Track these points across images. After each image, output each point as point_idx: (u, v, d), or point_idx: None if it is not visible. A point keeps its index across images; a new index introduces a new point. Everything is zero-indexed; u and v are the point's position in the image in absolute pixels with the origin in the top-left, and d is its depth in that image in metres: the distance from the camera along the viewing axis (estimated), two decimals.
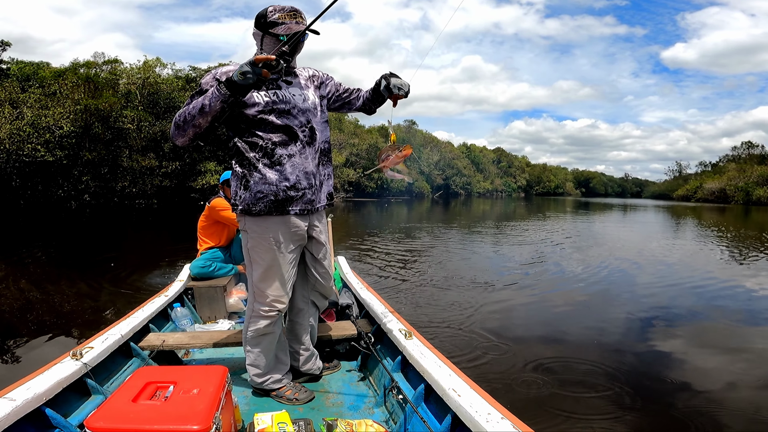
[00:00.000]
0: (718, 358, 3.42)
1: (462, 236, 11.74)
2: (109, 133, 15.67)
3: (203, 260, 2.83)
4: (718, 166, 69.45)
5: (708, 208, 38.07)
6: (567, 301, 5.07)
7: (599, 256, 8.58)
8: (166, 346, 1.90)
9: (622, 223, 19.71)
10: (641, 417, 2.52)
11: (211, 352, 2.26)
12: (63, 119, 14.25)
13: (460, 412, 1.27)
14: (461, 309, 4.58)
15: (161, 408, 1.10)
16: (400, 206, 30.12)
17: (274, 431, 1.30)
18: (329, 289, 1.85)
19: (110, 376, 1.70)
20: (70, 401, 1.44)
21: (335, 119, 35.77)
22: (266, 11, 1.46)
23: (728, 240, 12.06)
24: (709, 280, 6.30)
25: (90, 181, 14.94)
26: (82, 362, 1.49)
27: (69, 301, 4.62)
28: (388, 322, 2.03)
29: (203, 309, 2.74)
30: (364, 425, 1.48)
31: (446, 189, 55.55)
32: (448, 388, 1.37)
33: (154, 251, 7.98)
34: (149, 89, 17.92)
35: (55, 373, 1.38)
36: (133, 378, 1.24)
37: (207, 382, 1.24)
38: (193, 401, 1.13)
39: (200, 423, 1.05)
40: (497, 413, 1.19)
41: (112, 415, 1.06)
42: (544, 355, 3.38)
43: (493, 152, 78.45)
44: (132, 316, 2.05)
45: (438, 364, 1.56)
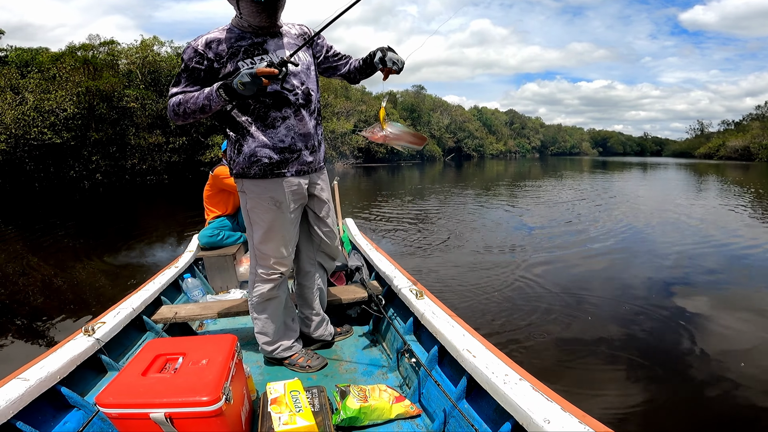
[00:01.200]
0: (743, 321, 3.34)
1: (476, 197, 11.58)
2: (114, 112, 15.91)
3: (211, 229, 2.81)
4: (742, 124, 66.65)
5: (731, 166, 36.70)
6: (585, 262, 4.99)
7: (618, 215, 8.39)
8: (179, 318, 1.90)
9: (643, 181, 19.18)
10: (661, 382, 2.49)
11: (225, 322, 2.28)
12: (65, 102, 14.50)
13: (476, 374, 1.23)
14: (477, 272, 4.56)
15: (171, 381, 1.09)
16: (412, 170, 29.84)
17: (287, 400, 1.30)
18: (336, 249, 1.81)
19: (125, 351, 1.69)
20: (87, 379, 1.44)
21: (342, 87, 34.93)
22: None
23: (753, 198, 11.61)
24: (733, 239, 6.11)
25: (100, 161, 15.30)
26: (94, 338, 1.48)
27: (86, 278, 4.73)
28: (397, 282, 1.98)
29: (214, 279, 2.75)
30: (377, 390, 1.47)
31: (458, 152, 54.66)
32: (462, 349, 1.33)
33: (168, 224, 8.11)
34: (149, 68, 17.97)
35: (68, 351, 1.37)
36: (143, 351, 1.23)
37: (216, 352, 1.22)
38: (202, 372, 1.12)
39: (209, 394, 1.03)
40: (515, 374, 1.14)
41: (122, 390, 1.05)
42: (561, 318, 3.35)
43: (506, 114, 76.26)
44: (143, 289, 2.04)
45: (451, 324, 1.51)
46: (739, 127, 66.24)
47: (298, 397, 1.32)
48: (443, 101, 56.92)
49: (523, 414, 1.00)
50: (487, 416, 1.23)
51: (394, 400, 1.45)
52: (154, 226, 8.15)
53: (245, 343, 1.98)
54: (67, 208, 10.67)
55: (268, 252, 1.55)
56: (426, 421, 1.43)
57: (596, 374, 2.59)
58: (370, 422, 1.39)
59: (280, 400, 1.30)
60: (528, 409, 0.99)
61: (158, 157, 16.65)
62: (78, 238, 6.95)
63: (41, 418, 1.19)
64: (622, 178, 20.96)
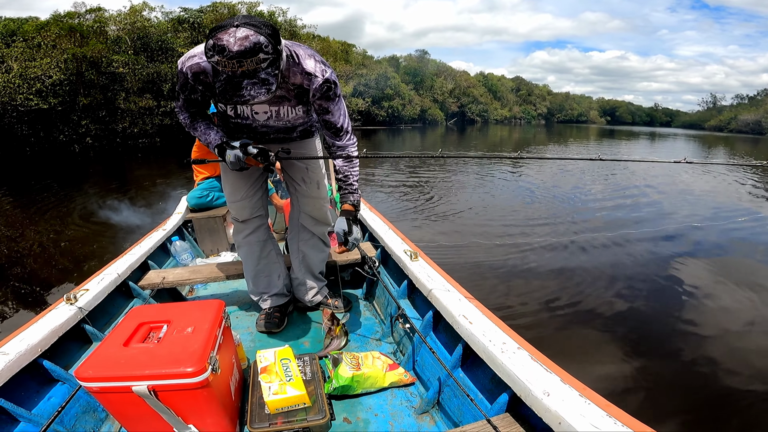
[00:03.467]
0: (740, 295, 3.32)
1: (478, 163, 11.37)
2: (103, 78, 15.92)
3: (200, 190, 2.72)
4: (756, 99, 65.22)
5: (741, 139, 36.09)
6: (584, 232, 4.94)
7: (622, 184, 8.26)
8: (167, 283, 1.82)
9: (649, 150, 18.83)
10: (657, 356, 2.50)
11: (216, 287, 2.23)
12: (51, 68, 14.62)
13: (473, 341, 1.18)
14: (474, 239, 4.52)
15: (154, 351, 1.03)
16: (413, 133, 29.34)
17: (277, 369, 1.26)
18: (322, 214, 1.75)
19: (111, 320, 1.62)
20: (71, 350, 1.37)
21: (342, 51, 33.61)
22: (208, 45, 1.04)
23: (758, 171, 11.41)
24: (734, 213, 6.03)
25: (90, 125, 15.36)
26: (76, 307, 1.40)
27: (76, 241, 4.67)
28: (391, 243, 1.91)
29: (204, 241, 2.67)
30: (370, 358, 1.44)
31: (461, 116, 53.56)
32: (458, 315, 1.27)
33: (162, 185, 8.02)
34: (139, 33, 17.69)
35: (49, 322, 1.30)
36: (125, 320, 1.17)
37: (202, 318, 1.16)
38: (187, 341, 1.06)
39: (194, 365, 0.98)
40: (513, 342, 1.10)
41: (102, 362, 0.99)
42: (557, 288, 3.34)
43: (512, 81, 73.87)
44: (129, 254, 1.95)
45: (447, 288, 1.45)
46: (752, 102, 64.90)
47: (289, 365, 1.29)
48: (448, 66, 55.18)
49: (521, 385, 0.96)
50: (482, 386, 1.20)
51: (387, 368, 1.42)
52: (145, 186, 8.08)
53: (237, 309, 1.94)
54: (57, 172, 10.58)
55: (229, 196, 1.65)
56: (420, 389, 1.41)
57: (590, 346, 2.59)
58: (363, 390, 1.37)
59: (270, 368, 1.27)
60: (526, 380, 0.95)
61: (149, 121, 16.65)
62: (66, 201, 6.87)
63: (24, 394, 1.13)
64: (629, 147, 20.58)
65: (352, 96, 31.27)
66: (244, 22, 1.02)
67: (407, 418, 1.29)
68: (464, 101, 54.26)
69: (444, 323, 1.42)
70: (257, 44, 1.02)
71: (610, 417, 0.81)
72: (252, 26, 1.02)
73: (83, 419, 1.20)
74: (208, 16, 19.89)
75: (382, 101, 36.25)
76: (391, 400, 1.37)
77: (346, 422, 1.26)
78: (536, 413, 0.90)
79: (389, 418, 1.29)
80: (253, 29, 1.02)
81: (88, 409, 1.23)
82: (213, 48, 1.02)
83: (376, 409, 1.32)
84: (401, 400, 1.37)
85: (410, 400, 1.37)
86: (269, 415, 1.18)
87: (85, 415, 1.21)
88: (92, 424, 1.22)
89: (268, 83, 1.08)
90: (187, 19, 19.76)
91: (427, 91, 47.10)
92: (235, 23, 1.02)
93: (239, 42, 1.00)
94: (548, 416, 0.87)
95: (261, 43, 1.02)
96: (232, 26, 1.01)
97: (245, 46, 1.00)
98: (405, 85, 42.16)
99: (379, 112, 35.74)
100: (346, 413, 1.30)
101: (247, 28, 1.01)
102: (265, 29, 1.04)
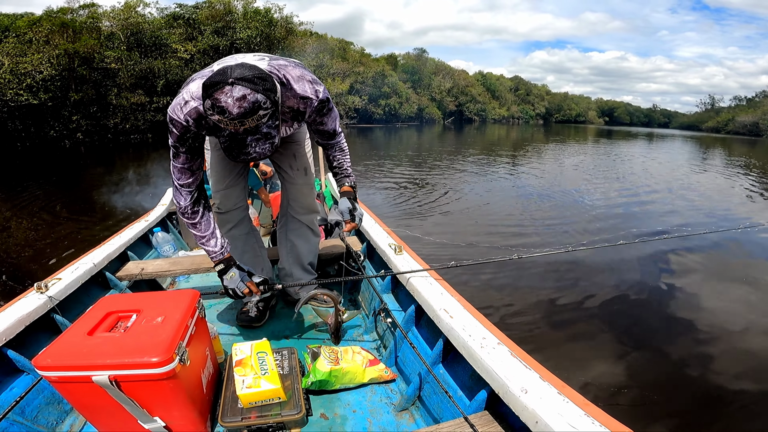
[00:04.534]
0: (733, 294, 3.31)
1: (476, 162, 11.36)
2: (95, 73, 15.87)
3: None
4: (754, 101, 65.33)
5: (737, 140, 36.29)
6: (578, 232, 4.92)
7: (619, 184, 8.26)
8: (145, 274, 1.77)
9: (647, 150, 18.90)
10: (645, 353, 2.48)
11: (198, 279, 2.19)
12: (42, 64, 14.57)
13: (452, 336, 1.14)
14: (462, 236, 4.49)
15: (119, 340, 0.99)
16: (410, 131, 29.32)
17: (252, 362, 1.22)
18: (306, 198, 1.71)
19: (84, 311, 1.56)
20: (39, 341, 1.32)
21: (339, 49, 33.51)
22: (207, 104, 1.00)
23: (755, 173, 11.45)
24: (728, 214, 6.03)
25: (81, 120, 15.32)
26: (47, 296, 1.35)
27: (62, 235, 4.60)
28: (376, 237, 1.88)
29: (188, 233, 2.62)
30: (350, 353, 1.41)
31: (459, 115, 53.57)
32: (439, 309, 1.24)
33: (152, 181, 7.97)
34: (132, 29, 17.63)
35: (17, 310, 1.25)
36: (93, 309, 1.13)
37: (174, 308, 1.12)
38: (155, 331, 1.02)
39: (160, 354, 0.94)
40: (493, 338, 1.07)
41: (62, 351, 0.95)
42: (549, 286, 3.31)
43: (511, 80, 73.99)
44: (107, 243, 1.90)
45: (429, 282, 1.42)
46: (750, 104, 65.07)
47: (265, 358, 1.25)
48: (446, 65, 55.16)
49: (499, 382, 0.93)
50: (462, 382, 1.17)
51: (367, 364, 1.39)
52: (136, 181, 8.02)
53: (218, 302, 1.90)
54: (47, 167, 10.50)
55: (211, 182, 1.64)
56: (401, 385, 1.38)
57: (577, 344, 2.57)
58: (342, 386, 1.34)
59: (245, 361, 1.22)
60: (505, 377, 0.92)
61: (141, 116, 16.64)
62: (54, 196, 6.78)
63: None
64: (627, 147, 20.65)
65: (348, 94, 31.17)
66: (239, 78, 0.97)
67: (386, 415, 1.25)
68: (462, 100, 54.28)
69: (426, 318, 1.38)
70: (255, 103, 0.99)
71: (588, 416, 0.78)
72: (246, 82, 0.98)
73: (46, 411, 1.15)
74: (204, 12, 19.74)
75: (379, 99, 36.17)
76: (371, 396, 1.33)
77: (323, 418, 1.23)
78: (513, 411, 0.87)
79: (368, 414, 1.25)
80: (248, 86, 0.98)
81: (53, 401, 1.19)
82: (212, 108, 0.99)
83: (354, 406, 1.29)
84: (381, 396, 1.33)
85: (390, 397, 1.33)
86: (242, 409, 1.14)
87: (49, 406, 1.17)
88: (56, 416, 1.17)
89: (271, 137, 1.07)
90: (182, 15, 19.62)
91: (424, 89, 47.07)
92: (229, 80, 0.97)
93: (237, 104, 0.97)
94: (525, 414, 0.84)
95: (259, 101, 0.99)
96: (227, 84, 0.97)
97: (244, 107, 0.97)
98: (402, 83, 42.10)
99: (376, 110, 35.67)
100: (324, 409, 1.26)
101: (243, 87, 0.97)
102: (260, 84, 1.00)
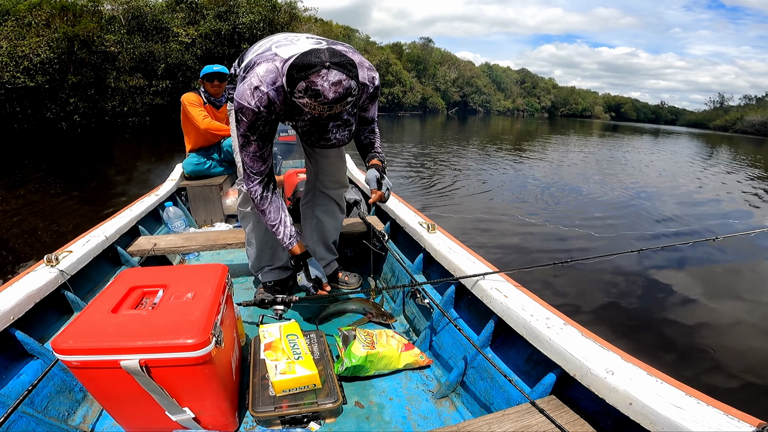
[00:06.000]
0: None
1: (477, 152, 11.21)
2: (94, 57, 15.77)
3: (197, 157, 2.58)
4: (764, 100, 64.79)
5: (745, 140, 35.93)
6: (577, 226, 4.83)
7: (621, 180, 8.16)
8: (158, 250, 1.68)
9: (653, 146, 18.74)
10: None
11: (209, 257, 2.10)
12: (40, 47, 14.53)
13: (509, 317, 1.04)
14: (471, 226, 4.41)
15: (147, 318, 0.89)
16: (413, 120, 29.15)
17: (283, 345, 1.14)
18: (338, 172, 1.61)
19: (95, 288, 1.45)
20: (48, 321, 1.20)
21: (344, 36, 33.04)
22: (300, 86, 0.96)
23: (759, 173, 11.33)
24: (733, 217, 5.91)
25: (78, 103, 15.31)
26: (58, 270, 1.23)
27: (61, 213, 4.49)
28: (404, 216, 1.77)
29: (198, 211, 2.54)
30: (385, 336, 1.33)
31: (463, 106, 53.11)
32: (489, 288, 1.13)
33: (149, 161, 7.85)
34: (134, 12, 17.41)
35: (25, 285, 1.11)
36: (115, 283, 1.02)
37: (203, 283, 1.02)
38: (187, 308, 0.92)
39: (196, 335, 0.84)
40: (557, 318, 0.97)
41: (86, 331, 0.83)
42: (544, 281, 3.23)
43: (517, 73, 73.23)
44: (118, 216, 1.79)
45: (472, 260, 1.31)
46: (760, 103, 64.44)
47: (297, 342, 1.17)
48: (452, 55, 54.45)
49: (575, 363, 0.84)
50: (516, 366, 1.08)
51: (403, 348, 1.31)
52: (131, 163, 7.92)
53: (233, 282, 1.81)
54: (44, 148, 10.38)
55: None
56: (437, 371, 1.30)
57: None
58: (376, 372, 1.26)
59: (276, 345, 1.14)
60: (583, 358, 0.83)
61: (140, 100, 16.53)
62: (52, 176, 6.63)
63: None
64: (631, 143, 20.53)
65: None
66: (335, 62, 0.95)
67: (425, 403, 1.17)
68: (467, 91, 53.79)
69: (468, 299, 1.29)
70: (349, 89, 0.97)
71: (691, 397, 0.70)
72: (342, 68, 0.96)
73: (56, 400, 1.03)
74: None
75: (382, 87, 35.84)
76: (406, 383, 1.25)
77: (358, 406, 1.15)
78: (596, 394, 0.79)
79: (405, 402, 1.17)
80: (344, 72, 0.96)
81: (63, 389, 1.07)
82: (305, 91, 0.96)
83: (390, 393, 1.21)
84: (417, 383, 1.25)
85: (427, 384, 1.25)
86: (274, 398, 1.06)
87: (59, 395, 1.05)
88: (67, 406, 1.05)
89: (350, 124, 1.06)
90: None
91: (429, 79, 46.57)
92: (326, 63, 0.95)
93: (333, 89, 0.95)
94: (614, 396, 0.76)
95: (351, 87, 0.98)
96: (324, 67, 0.94)
97: (339, 92, 0.96)
98: (407, 72, 41.62)
99: (379, 99, 35.46)
100: (358, 396, 1.19)
101: (339, 71, 0.95)
102: (353, 71, 0.99)
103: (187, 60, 16.82)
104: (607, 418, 0.82)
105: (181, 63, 16.65)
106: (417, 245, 1.63)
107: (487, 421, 0.86)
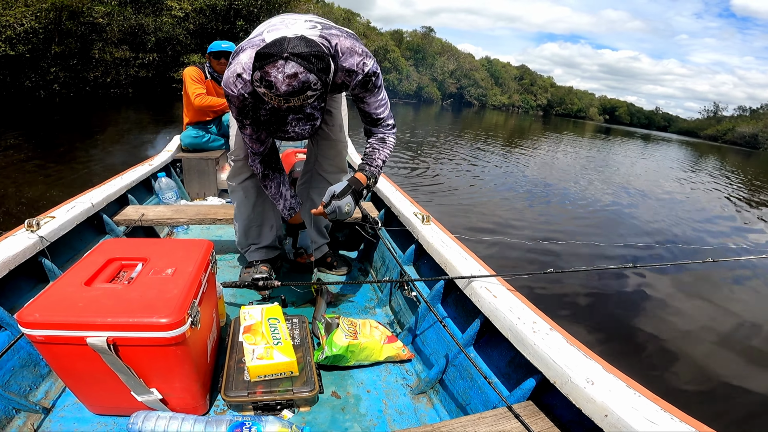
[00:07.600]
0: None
1: (469, 144, 11.20)
2: (82, 27, 15.32)
3: (195, 130, 2.53)
4: (758, 112, 65.65)
5: (734, 151, 36.69)
6: (562, 224, 4.88)
7: (607, 181, 8.27)
8: (145, 220, 1.62)
9: (642, 151, 19.03)
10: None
11: (198, 231, 2.05)
12: (25, 17, 14.04)
13: (496, 317, 1.01)
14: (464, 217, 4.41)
15: (121, 294, 0.85)
16: (406, 108, 29.01)
17: (263, 329, 1.11)
18: (338, 156, 1.57)
19: (75, 257, 1.38)
20: (21, 290, 1.13)
21: (344, 19, 32.27)
22: (255, 75, 0.94)
23: (738, 184, 11.59)
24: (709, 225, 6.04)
25: (59, 72, 14.93)
26: (37, 235, 1.16)
27: (45, 188, 4.33)
28: (398, 204, 1.73)
29: (191, 183, 2.50)
30: (368, 326, 1.30)
31: (459, 98, 52.88)
32: (479, 287, 1.11)
33: (128, 136, 7.63)
34: None
35: (1, 250, 1.05)
36: (93, 253, 0.97)
37: (185, 259, 0.97)
38: (165, 285, 0.88)
39: (170, 315, 0.80)
40: (544, 323, 0.96)
41: (53, 304, 0.79)
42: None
43: (517, 69, 73.04)
44: (108, 184, 1.72)
45: (464, 256, 1.29)
46: (754, 115, 65.34)
47: (277, 326, 1.14)
48: (452, 47, 53.90)
49: (556, 371, 0.83)
50: (498, 369, 1.07)
51: (385, 340, 1.29)
52: (110, 135, 7.67)
53: (219, 259, 1.76)
54: (21, 117, 9.95)
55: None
56: (417, 366, 1.28)
57: None
58: (357, 362, 1.24)
59: (256, 328, 1.11)
60: (565, 366, 0.82)
61: (124, 72, 16.22)
62: (28, 146, 6.37)
63: None
64: (621, 147, 20.83)
65: None
66: (294, 53, 0.91)
67: (402, 398, 1.16)
68: (464, 83, 53.50)
69: (457, 295, 1.27)
70: (306, 83, 0.93)
71: (665, 412, 0.69)
72: (301, 60, 0.91)
73: (20, 375, 0.98)
74: None
75: None
76: (386, 376, 1.24)
77: (335, 397, 1.13)
78: (573, 403, 0.78)
79: (383, 395, 1.16)
80: (302, 64, 0.91)
81: (29, 363, 1.02)
82: (260, 81, 0.93)
83: (368, 385, 1.19)
84: (396, 377, 1.24)
85: (406, 378, 1.24)
86: (249, 383, 1.03)
87: (24, 369, 1.00)
88: (30, 381, 1.00)
89: (313, 119, 1.03)
90: None
91: (427, 68, 46.13)
92: (284, 54, 0.90)
93: (287, 81, 0.91)
94: (591, 407, 0.74)
95: (310, 82, 0.93)
96: (280, 58, 0.90)
97: (293, 86, 0.92)
98: (405, 60, 41.11)
99: None
100: (335, 386, 1.16)
101: (296, 63, 0.91)
102: (315, 63, 0.93)
103: (178, 34, 16.37)
104: (581, 428, 0.81)
105: (171, 37, 16.25)
106: (410, 235, 1.60)
107: (462, 423, 0.84)
